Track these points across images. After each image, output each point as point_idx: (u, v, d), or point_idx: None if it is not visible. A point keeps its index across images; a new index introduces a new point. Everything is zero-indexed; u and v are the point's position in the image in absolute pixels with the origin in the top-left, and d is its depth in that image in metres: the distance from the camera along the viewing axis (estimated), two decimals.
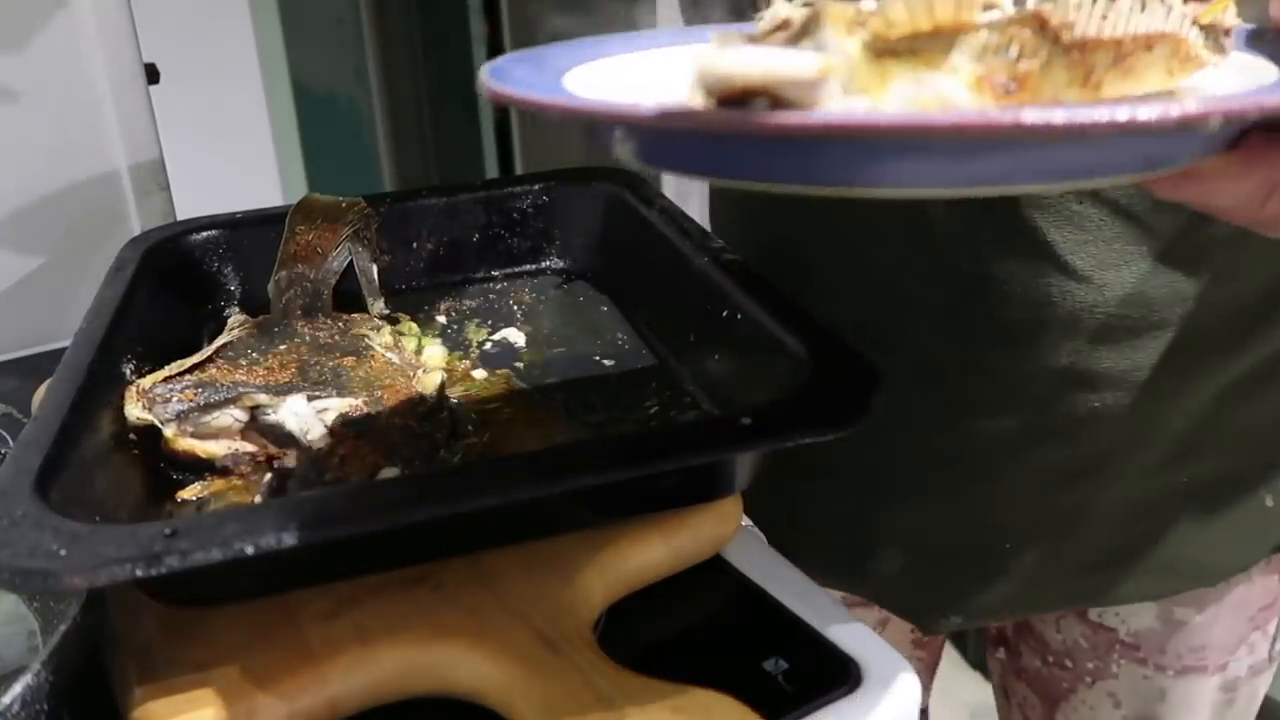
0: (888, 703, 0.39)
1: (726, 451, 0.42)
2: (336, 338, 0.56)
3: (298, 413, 0.49)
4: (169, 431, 0.48)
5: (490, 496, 0.37)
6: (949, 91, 0.28)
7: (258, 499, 0.47)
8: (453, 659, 0.38)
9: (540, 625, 0.39)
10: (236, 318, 0.58)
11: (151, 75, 0.77)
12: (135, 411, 0.48)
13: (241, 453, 0.48)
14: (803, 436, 0.40)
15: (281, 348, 0.55)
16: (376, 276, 0.62)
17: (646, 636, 0.43)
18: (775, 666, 0.40)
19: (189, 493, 0.47)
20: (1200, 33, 0.31)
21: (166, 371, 0.51)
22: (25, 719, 0.34)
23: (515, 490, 0.38)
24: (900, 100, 0.28)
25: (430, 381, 0.53)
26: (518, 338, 0.60)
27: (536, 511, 0.43)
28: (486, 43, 2.07)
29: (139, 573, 0.34)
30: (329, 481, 0.46)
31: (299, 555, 0.36)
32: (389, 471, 0.47)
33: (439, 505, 0.37)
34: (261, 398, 0.49)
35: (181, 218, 0.66)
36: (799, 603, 0.43)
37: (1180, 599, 0.64)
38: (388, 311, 0.61)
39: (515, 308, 0.63)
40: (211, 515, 0.36)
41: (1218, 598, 0.63)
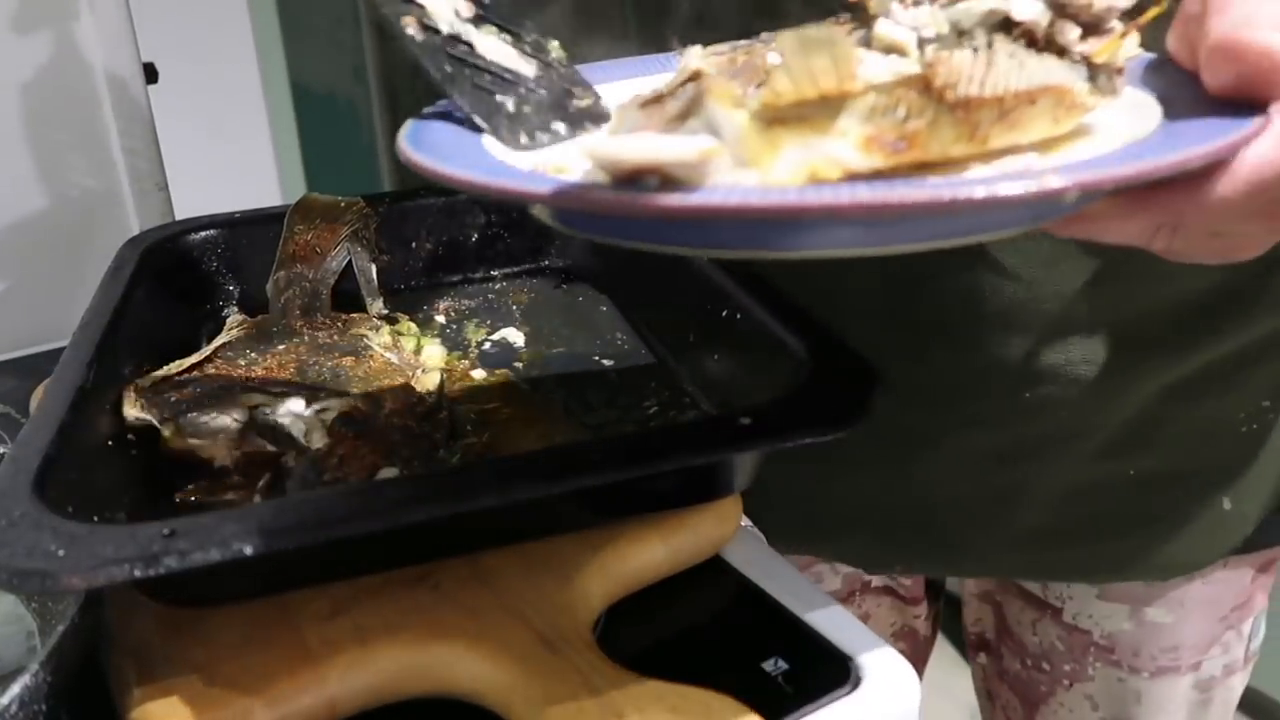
0: (887, 703, 0.39)
1: (725, 452, 0.41)
2: (335, 338, 0.56)
3: (296, 413, 0.49)
4: (167, 432, 0.47)
5: (489, 497, 0.37)
6: (838, 154, 0.29)
7: (256, 499, 0.46)
8: (452, 659, 0.38)
9: (539, 625, 0.39)
10: (235, 318, 0.58)
11: (150, 75, 0.77)
12: (134, 412, 0.47)
13: (240, 453, 0.48)
14: (802, 436, 0.40)
15: (280, 348, 0.55)
16: (375, 276, 0.62)
17: (646, 637, 0.43)
18: (775, 667, 0.40)
19: (187, 493, 0.47)
20: (1090, 74, 0.32)
21: (165, 371, 0.51)
22: (23, 719, 0.34)
23: (514, 490, 0.38)
24: (791, 166, 0.29)
25: (429, 381, 0.53)
26: (517, 338, 0.60)
27: (535, 512, 0.43)
28: None
29: (137, 573, 0.34)
30: (328, 482, 0.46)
31: (298, 556, 0.36)
32: (388, 472, 0.47)
33: (438, 505, 0.37)
34: (260, 398, 0.49)
35: (180, 217, 0.66)
36: (798, 603, 0.43)
37: (1145, 597, 0.64)
38: (387, 311, 0.61)
39: (514, 307, 0.63)
40: (210, 516, 0.36)
41: (1188, 597, 0.64)
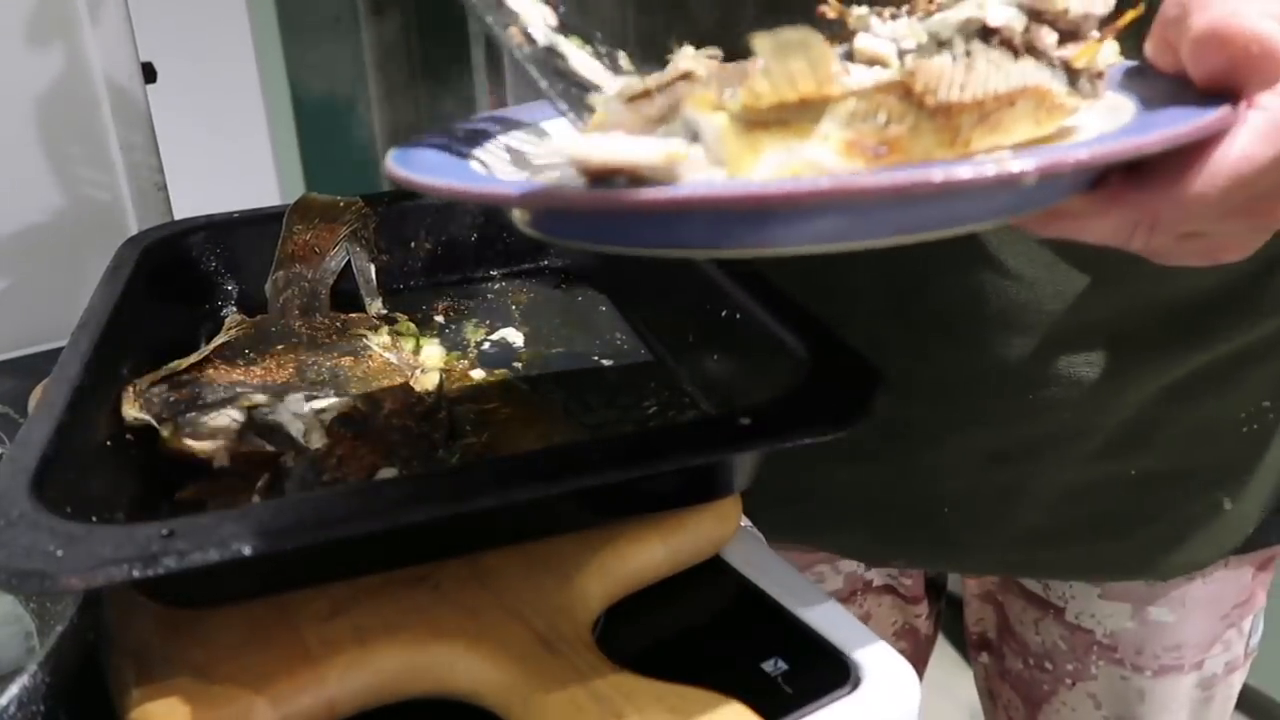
0: (887, 703, 0.39)
1: (725, 452, 0.41)
2: (334, 338, 0.56)
3: (295, 413, 0.49)
4: (166, 432, 0.47)
5: (489, 497, 0.37)
6: (819, 158, 0.30)
7: (255, 500, 0.46)
8: (451, 660, 0.38)
9: (539, 626, 0.39)
10: (234, 317, 0.58)
11: (149, 74, 0.77)
12: (132, 411, 0.47)
13: (239, 453, 0.48)
14: (802, 436, 0.40)
15: (279, 348, 0.55)
16: (374, 276, 0.62)
17: (645, 637, 0.43)
18: (774, 667, 0.40)
19: (186, 493, 0.47)
20: (1069, 78, 0.33)
21: (164, 371, 0.51)
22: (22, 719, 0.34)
23: (514, 491, 0.38)
24: (772, 170, 0.30)
25: (428, 381, 0.53)
26: (516, 337, 0.59)
27: (535, 512, 0.43)
28: (484, 41, 2.06)
29: (136, 573, 0.34)
30: (327, 482, 0.46)
31: (297, 556, 0.36)
32: (387, 472, 0.47)
33: (437, 506, 0.37)
34: (259, 398, 0.49)
35: (179, 217, 0.66)
36: (798, 603, 0.43)
37: (1148, 596, 0.64)
38: (385, 311, 0.61)
39: (513, 307, 0.63)
40: (208, 516, 0.36)
41: (1190, 596, 0.64)
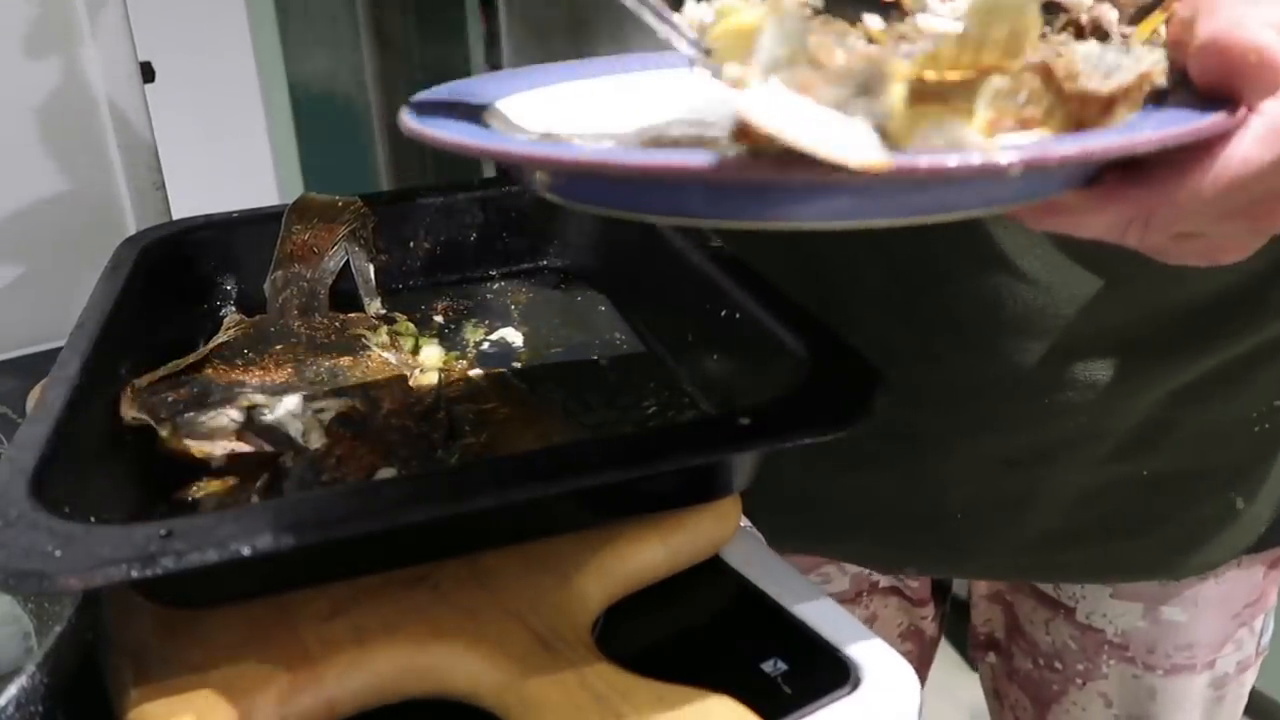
0: (887, 704, 0.39)
1: (725, 452, 0.41)
2: (333, 337, 0.56)
3: (294, 413, 0.49)
4: (164, 432, 0.47)
5: (488, 497, 0.37)
6: (965, 137, 0.29)
7: (254, 500, 0.46)
8: (450, 660, 0.38)
9: (538, 626, 0.39)
10: (232, 317, 0.58)
11: (147, 74, 0.77)
12: (131, 412, 0.47)
13: (237, 453, 0.48)
14: (802, 437, 0.40)
15: (278, 348, 0.54)
16: (373, 276, 0.62)
17: (645, 638, 0.42)
18: (774, 668, 0.40)
19: (185, 493, 0.47)
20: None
21: (162, 371, 0.50)
22: None
23: (513, 491, 0.38)
24: (921, 145, 0.29)
25: (427, 381, 0.53)
26: (515, 337, 0.59)
27: (534, 512, 0.43)
28: (484, 40, 2.06)
29: (134, 574, 0.34)
30: (326, 482, 0.46)
31: (296, 556, 0.36)
32: (386, 472, 0.46)
33: (436, 506, 0.37)
34: (258, 398, 0.49)
35: (177, 217, 0.65)
36: (798, 604, 0.43)
37: (1161, 596, 0.64)
38: (384, 311, 0.61)
39: (512, 307, 0.63)
40: (207, 516, 0.36)
41: (1201, 596, 0.64)
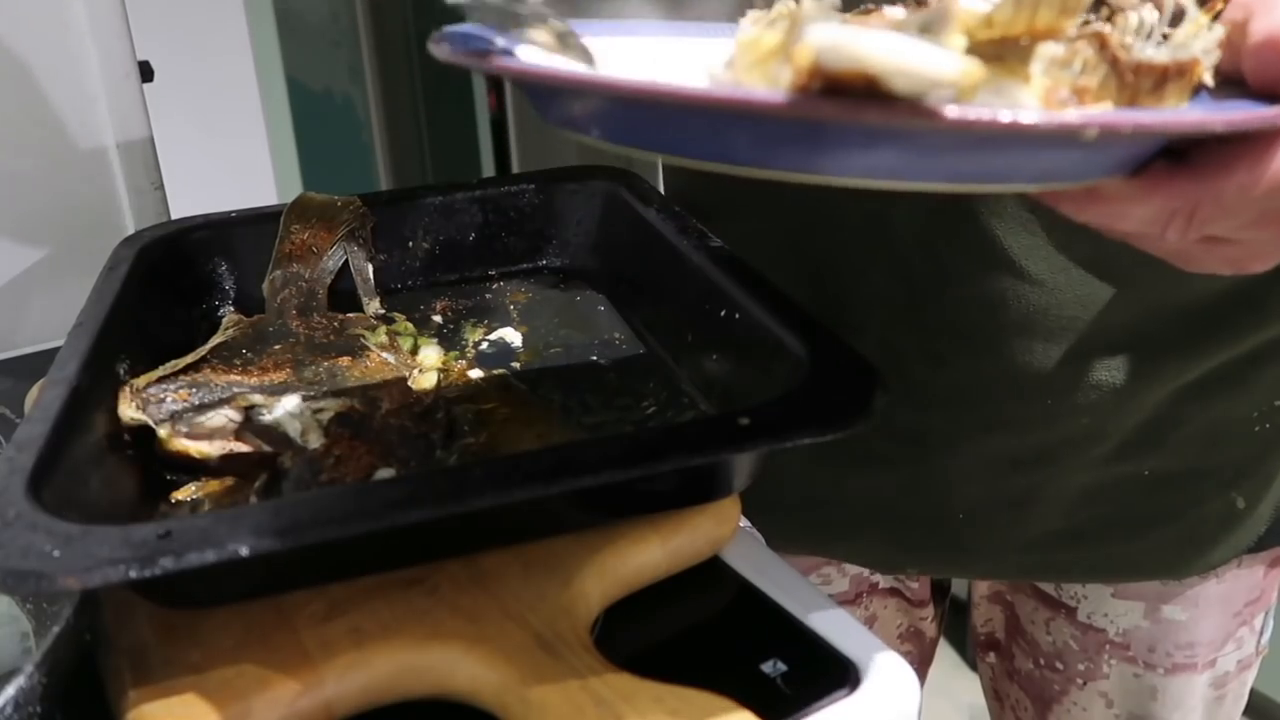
0: (886, 705, 0.39)
1: (724, 452, 0.41)
2: (332, 337, 0.56)
3: (293, 413, 0.49)
4: (163, 432, 0.47)
5: (487, 497, 0.37)
6: (1025, 101, 0.29)
7: (252, 500, 0.46)
8: (449, 661, 0.38)
9: (537, 627, 0.39)
10: (231, 317, 0.58)
11: (145, 73, 0.77)
12: (129, 412, 0.47)
13: (236, 453, 0.48)
14: (801, 437, 0.40)
15: (276, 347, 0.54)
16: (372, 276, 0.62)
17: (644, 638, 0.42)
18: (773, 668, 0.40)
19: (183, 494, 0.47)
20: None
21: (160, 371, 0.50)
22: None
23: (512, 491, 0.38)
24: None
25: (426, 381, 0.53)
26: (514, 337, 0.59)
27: (533, 512, 0.43)
28: None
29: (133, 574, 0.34)
30: (324, 482, 0.46)
31: (294, 557, 0.36)
32: (385, 472, 0.46)
33: (435, 506, 0.37)
34: (256, 398, 0.49)
35: (175, 217, 0.65)
36: (797, 604, 0.43)
37: (1162, 595, 0.64)
38: (383, 311, 0.61)
39: (512, 307, 0.63)
40: (206, 516, 0.36)
41: (1203, 595, 0.64)
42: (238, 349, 0.54)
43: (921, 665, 0.78)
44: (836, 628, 0.42)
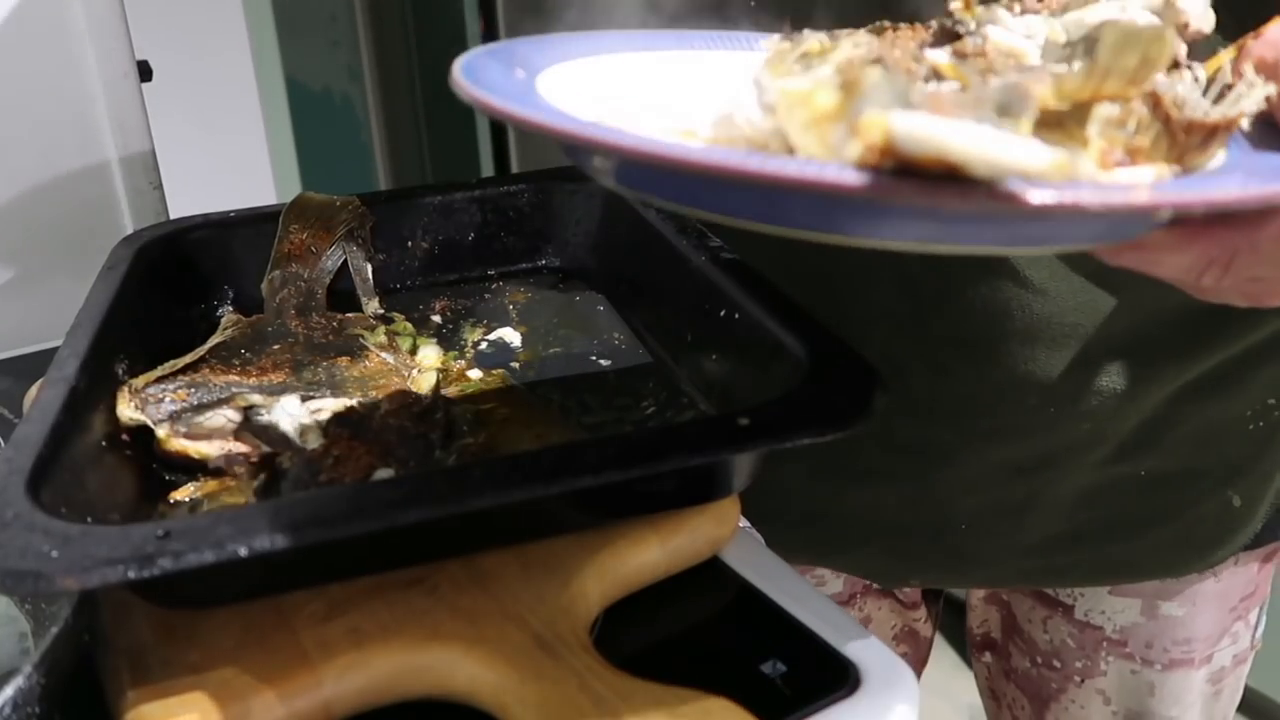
0: (886, 706, 0.39)
1: (724, 452, 0.41)
2: (331, 337, 0.56)
3: (291, 413, 0.49)
4: (162, 432, 0.47)
5: (486, 498, 0.37)
6: (1084, 168, 0.29)
7: (251, 500, 0.46)
8: (448, 662, 0.38)
9: (536, 627, 0.39)
10: (230, 317, 0.58)
11: (144, 73, 0.77)
12: (128, 412, 0.47)
13: (235, 453, 0.48)
14: (801, 437, 0.40)
15: (275, 348, 0.54)
16: (371, 276, 0.62)
17: (643, 639, 0.42)
18: (773, 669, 0.40)
19: (182, 494, 0.46)
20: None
21: (159, 371, 0.50)
22: None
23: (511, 491, 0.37)
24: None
25: (425, 381, 0.53)
26: (514, 337, 0.59)
27: (532, 513, 0.43)
28: (482, 39, 2.06)
29: (131, 574, 0.34)
30: (323, 482, 0.46)
31: (293, 557, 0.35)
32: (384, 472, 0.46)
33: (434, 507, 0.37)
34: (255, 398, 0.49)
35: (174, 216, 0.65)
36: (797, 605, 0.43)
37: (1160, 592, 0.64)
38: (382, 311, 0.61)
39: (511, 307, 0.63)
40: (204, 516, 0.36)
41: (1199, 591, 0.64)
42: (236, 349, 0.54)
43: (917, 666, 0.78)
44: (836, 628, 0.42)
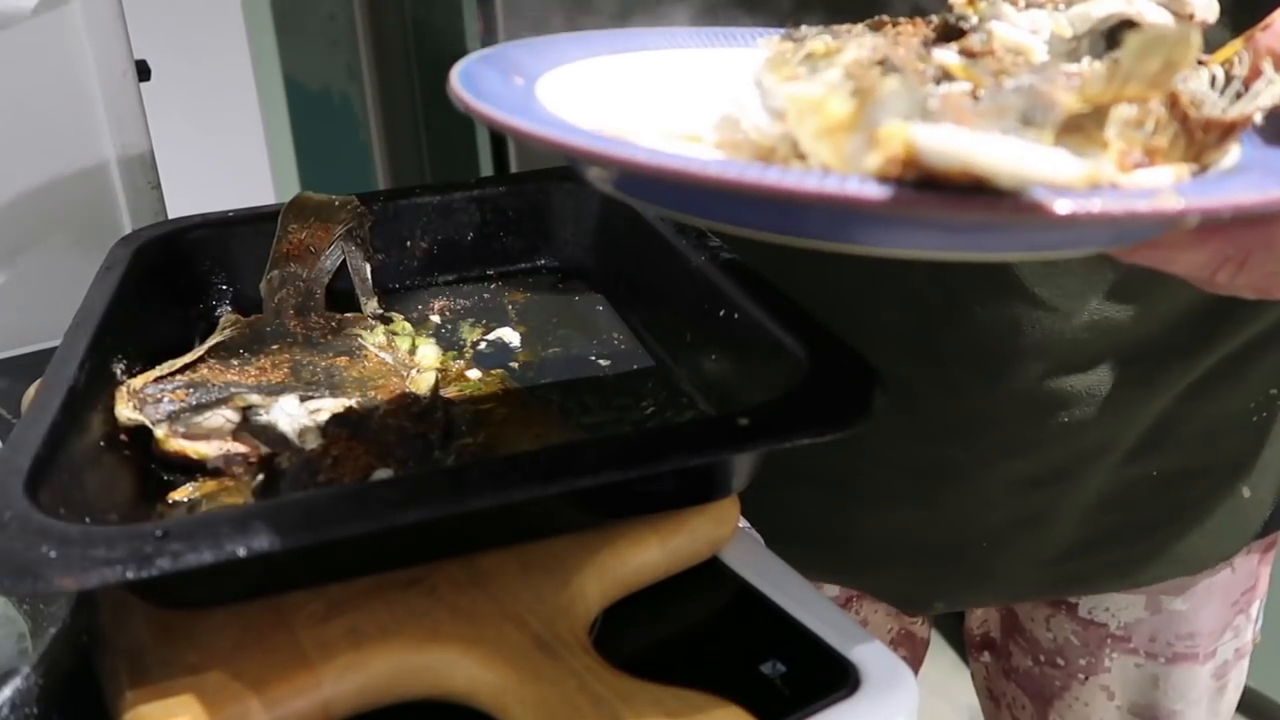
0: (886, 706, 0.39)
1: (723, 452, 0.41)
2: (329, 337, 0.56)
3: (290, 413, 0.49)
4: (160, 432, 0.47)
5: (485, 498, 0.37)
6: (1105, 172, 0.28)
7: (250, 500, 0.46)
8: (447, 662, 0.38)
9: (535, 628, 0.39)
10: (228, 317, 0.57)
11: (142, 72, 0.77)
12: (126, 412, 0.47)
13: (233, 454, 0.48)
14: (800, 437, 0.39)
15: (274, 348, 0.54)
16: (370, 275, 0.62)
17: (643, 639, 0.42)
18: (773, 670, 0.40)
19: (180, 494, 0.46)
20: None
21: (157, 371, 0.50)
22: None
23: (510, 492, 0.37)
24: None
25: (424, 381, 0.53)
26: (513, 337, 0.59)
27: (532, 513, 0.43)
28: (481, 39, 2.06)
29: (130, 575, 0.34)
30: (322, 483, 0.46)
31: (292, 557, 0.35)
32: (383, 473, 0.46)
33: (433, 507, 0.37)
34: (254, 398, 0.49)
35: (173, 216, 0.65)
36: (796, 605, 0.43)
37: (1165, 588, 0.65)
38: (381, 311, 0.61)
39: (510, 307, 0.63)
40: (203, 517, 0.36)
41: (1203, 585, 0.65)
42: (235, 349, 0.54)
43: (914, 667, 0.78)
44: (836, 629, 0.42)
